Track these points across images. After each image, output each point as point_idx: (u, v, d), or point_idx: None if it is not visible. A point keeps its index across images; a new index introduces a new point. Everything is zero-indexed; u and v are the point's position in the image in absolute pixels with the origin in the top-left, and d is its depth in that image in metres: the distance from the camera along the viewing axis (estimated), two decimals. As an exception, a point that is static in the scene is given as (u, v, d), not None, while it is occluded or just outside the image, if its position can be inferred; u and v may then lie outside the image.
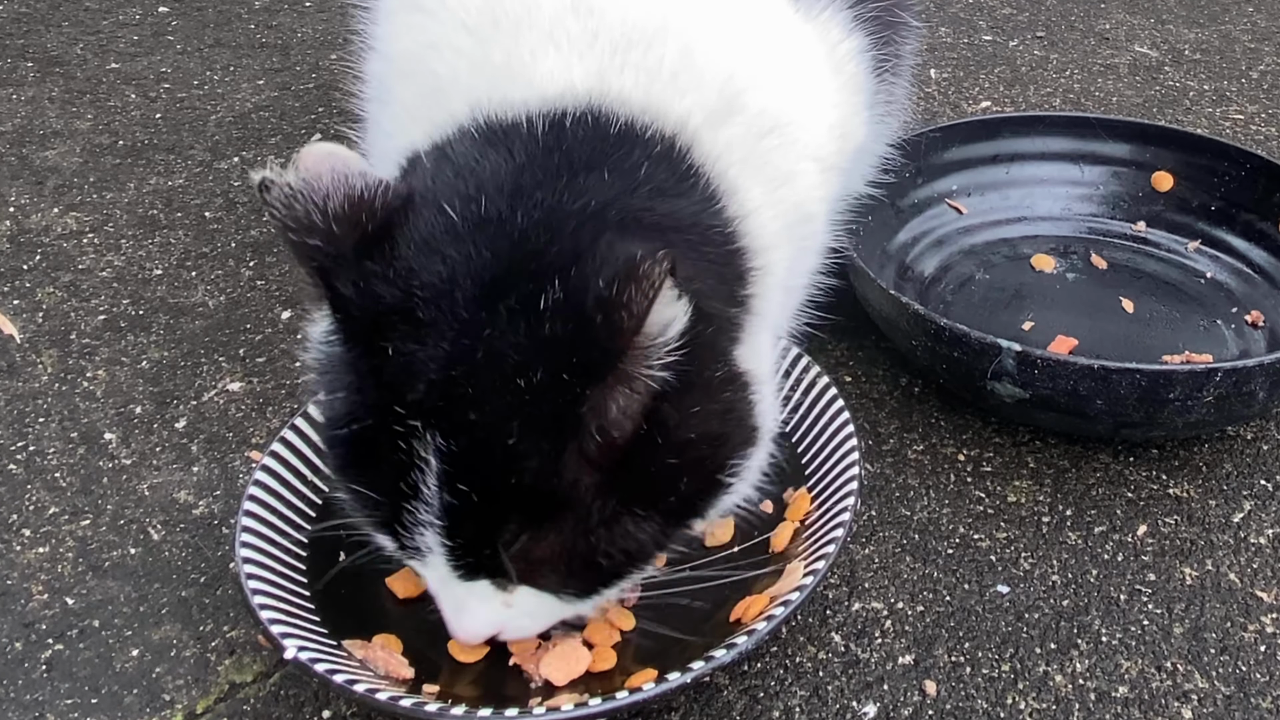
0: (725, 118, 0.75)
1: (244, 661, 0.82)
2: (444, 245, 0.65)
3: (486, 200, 0.66)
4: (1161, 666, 0.81)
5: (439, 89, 0.77)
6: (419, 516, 0.65)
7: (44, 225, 1.28)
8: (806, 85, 0.82)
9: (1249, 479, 0.97)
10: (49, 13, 1.78)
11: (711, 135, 0.74)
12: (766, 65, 0.79)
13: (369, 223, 0.64)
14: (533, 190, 0.67)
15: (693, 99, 0.74)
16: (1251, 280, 1.14)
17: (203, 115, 1.50)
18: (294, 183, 0.62)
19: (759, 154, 0.76)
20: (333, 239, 0.63)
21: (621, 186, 0.68)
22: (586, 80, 0.72)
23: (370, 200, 0.64)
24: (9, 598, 0.86)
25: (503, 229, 0.66)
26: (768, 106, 0.78)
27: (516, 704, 0.72)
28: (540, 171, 0.68)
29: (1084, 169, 1.23)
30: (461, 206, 0.66)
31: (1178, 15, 1.79)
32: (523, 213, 0.66)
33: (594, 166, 0.69)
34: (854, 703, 0.79)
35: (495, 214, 0.66)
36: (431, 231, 0.66)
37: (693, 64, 0.75)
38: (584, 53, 0.73)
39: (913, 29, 1.04)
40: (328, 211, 0.63)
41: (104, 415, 1.03)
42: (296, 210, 0.62)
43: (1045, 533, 0.91)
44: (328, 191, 0.63)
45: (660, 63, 0.74)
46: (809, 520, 0.84)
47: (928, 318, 0.95)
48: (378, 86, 0.89)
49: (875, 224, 1.14)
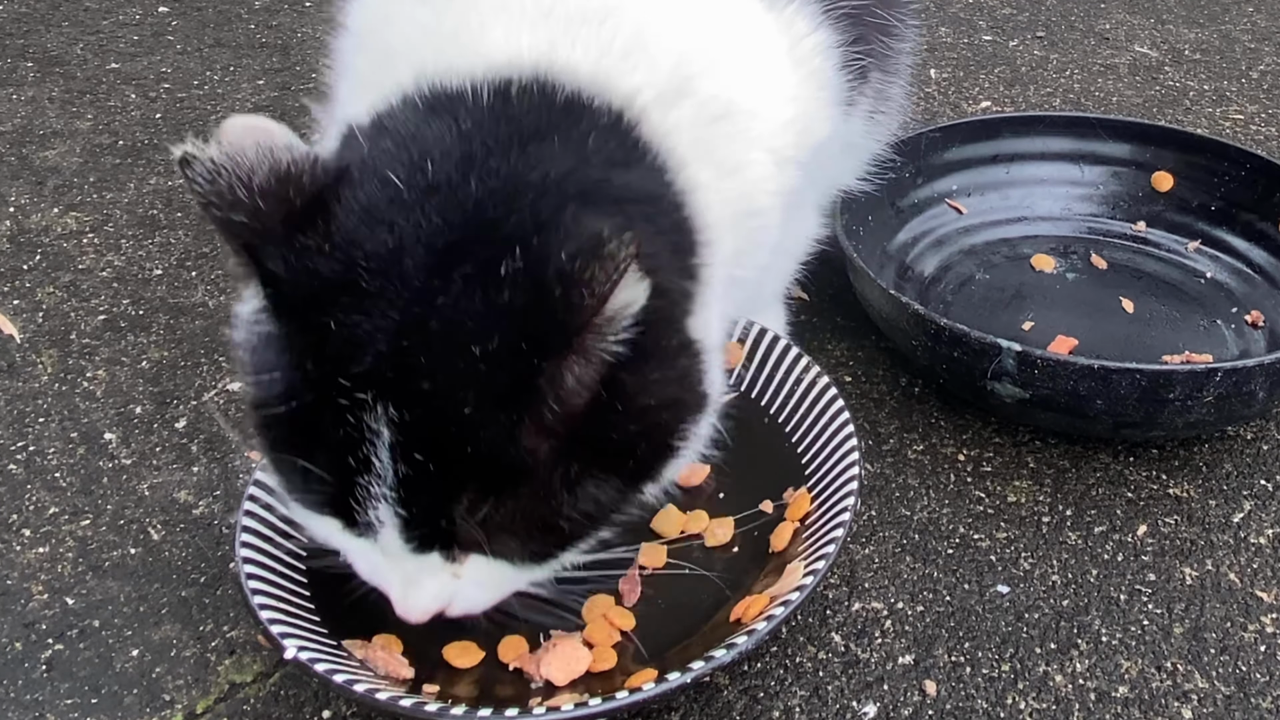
0: (674, 100, 0.74)
1: (244, 661, 0.82)
2: (390, 214, 0.64)
3: (434, 167, 0.65)
4: (1161, 666, 0.81)
5: (389, 57, 0.76)
6: (371, 490, 0.64)
7: (44, 225, 1.28)
8: (764, 76, 0.81)
9: (1249, 479, 0.97)
10: (49, 13, 1.78)
11: (660, 115, 0.73)
12: (722, 52, 0.78)
13: (298, 197, 0.62)
14: (484, 158, 0.66)
15: (642, 77, 0.73)
16: (1251, 280, 1.14)
17: (203, 115, 1.50)
18: (216, 157, 0.61)
19: (708, 138, 0.76)
20: (259, 214, 0.61)
21: (575, 157, 0.67)
22: (535, 50, 0.71)
23: (299, 174, 0.63)
24: (9, 598, 0.86)
25: (454, 196, 0.64)
26: (720, 93, 0.77)
27: (516, 704, 0.72)
28: (489, 140, 0.67)
29: (1084, 169, 1.23)
30: (407, 175, 0.65)
31: (1178, 15, 1.79)
32: (476, 180, 0.65)
33: (544, 136, 0.67)
34: (854, 703, 0.79)
35: (445, 181, 0.65)
36: (374, 201, 0.64)
37: (645, 44, 0.74)
38: (536, 24, 0.72)
39: (907, 28, 1.04)
40: (253, 186, 0.61)
41: (104, 415, 1.03)
42: (220, 185, 0.61)
43: (1045, 533, 0.91)
44: (252, 165, 0.61)
45: (612, 40, 0.73)
46: (809, 520, 0.84)
47: (928, 318, 0.95)
48: (341, 61, 0.88)
49: (875, 224, 1.14)
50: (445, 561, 0.68)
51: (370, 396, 0.62)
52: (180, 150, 0.61)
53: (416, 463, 0.63)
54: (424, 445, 0.63)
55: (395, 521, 0.65)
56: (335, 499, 0.66)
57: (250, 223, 0.61)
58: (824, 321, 1.14)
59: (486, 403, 0.62)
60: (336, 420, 0.63)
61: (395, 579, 0.70)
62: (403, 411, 0.62)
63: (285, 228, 0.62)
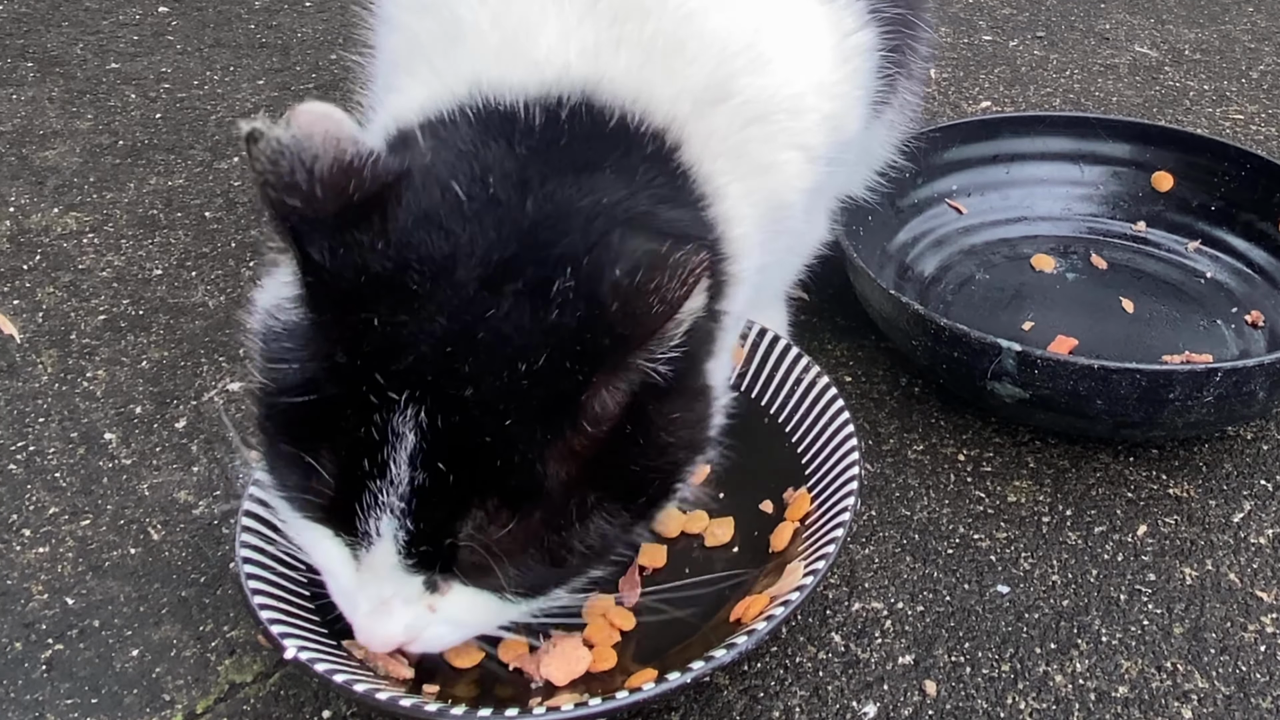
0: (712, 106, 0.74)
1: (244, 661, 0.82)
2: (449, 222, 0.64)
3: (495, 184, 0.66)
4: (1161, 666, 0.81)
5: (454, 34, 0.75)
6: (379, 497, 0.63)
7: (44, 225, 1.28)
8: (808, 70, 0.81)
9: (1249, 479, 0.97)
10: (49, 13, 1.78)
11: (697, 127, 0.73)
12: (768, 43, 0.78)
13: (356, 191, 0.62)
14: (541, 182, 0.66)
15: (681, 84, 0.73)
16: (1251, 280, 1.14)
17: (203, 115, 1.50)
18: (284, 138, 0.60)
19: (742, 142, 0.76)
20: (314, 201, 0.61)
21: (625, 188, 0.68)
22: (582, 60, 0.72)
23: (360, 169, 0.62)
24: (9, 598, 0.86)
25: (512, 214, 0.65)
26: (760, 91, 0.77)
27: (516, 704, 0.72)
28: (545, 166, 0.67)
29: (1084, 169, 1.23)
30: (468, 187, 0.65)
31: (1178, 15, 1.79)
32: (533, 202, 0.65)
33: (596, 166, 0.68)
34: (854, 703, 0.79)
35: (505, 199, 0.65)
36: (434, 207, 0.64)
37: (687, 39, 0.74)
38: (581, 19, 0.72)
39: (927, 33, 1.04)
40: (314, 172, 0.61)
41: (104, 415, 1.03)
42: (281, 167, 0.60)
43: (1045, 533, 0.91)
44: (317, 152, 0.61)
45: (654, 39, 0.73)
46: (809, 520, 0.84)
47: (928, 318, 0.95)
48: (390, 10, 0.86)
49: (875, 224, 1.14)
50: (425, 591, 0.67)
51: (404, 397, 0.61)
52: (248, 126, 0.60)
53: (436, 472, 0.62)
54: (449, 454, 0.62)
55: (395, 534, 0.64)
56: (334, 503, 0.65)
57: (303, 208, 0.61)
58: (824, 321, 1.14)
59: (525, 417, 0.62)
60: (360, 418, 0.62)
61: (366, 601, 0.68)
62: (436, 416, 0.61)
63: (338, 219, 0.62)
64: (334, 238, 0.62)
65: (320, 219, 0.62)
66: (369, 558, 0.66)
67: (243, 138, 0.60)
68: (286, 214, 0.61)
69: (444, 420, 0.61)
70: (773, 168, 0.78)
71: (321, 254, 0.62)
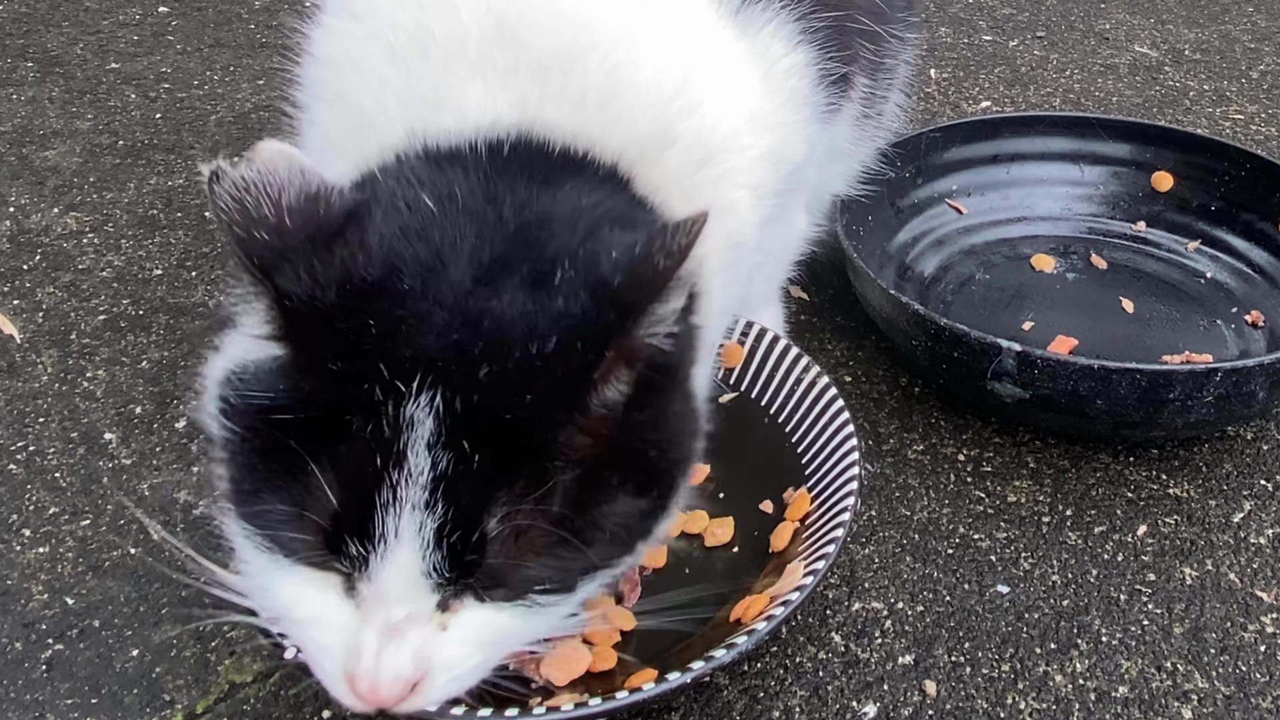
0: (660, 150, 0.74)
1: (244, 661, 0.82)
2: (427, 230, 0.64)
3: (464, 199, 0.66)
4: (1161, 666, 0.81)
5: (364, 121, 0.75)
6: (399, 492, 0.60)
7: (44, 225, 1.28)
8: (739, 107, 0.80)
9: (1249, 479, 0.97)
10: (49, 13, 1.78)
11: (648, 171, 0.73)
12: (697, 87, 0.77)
13: (326, 214, 0.62)
14: (507, 197, 0.66)
15: (624, 130, 0.73)
16: (1251, 280, 1.14)
17: (203, 115, 1.50)
18: (247, 175, 0.60)
19: (696, 185, 0.76)
20: (284, 233, 0.60)
21: (591, 195, 0.68)
22: (510, 109, 0.72)
23: (327, 195, 0.62)
24: (9, 598, 0.86)
25: (491, 220, 0.65)
26: (699, 134, 0.76)
27: (516, 704, 0.72)
28: (506, 184, 0.67)
29: (1084, 169, 1.23)
30: (438, 202, 0.65)
31: (1178, 15, 1.79)
32: (509, 210, 0.65)
33: (557, 183, 0.68)
34: (854, 703, 0.79)
35: (480, 210, 0.65)
36: (408, 221, 0.64)
37: (618, 92, 0.73)
38: (506, 82, 0.72)
39: (901, 41, 1.04)
40: (280, 204, 0.60)
41: (104, 415, 1.03)
42: (246, 204, 0.60)
43: (1045, 533, 0.91)
44: (282, 184, 0.60)
45: (582, 92, 0.73)
46: (809, 520, 0.84)
47: (928, 318, 0.95)
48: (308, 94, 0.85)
49: (875, 224, 1.14)
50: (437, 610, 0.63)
51: (417, 382, 0.59)
52: (210, 166, 0.60)
53: (461, 452, 0.60)
54: (472, 434, 0.60)
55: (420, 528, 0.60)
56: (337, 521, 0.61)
57: (272, 240, 0.60)
58: (824, 321, 1.14)
59: (543, 395, 0.61)
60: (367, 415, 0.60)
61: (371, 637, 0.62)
62: (454, 397, 0.59)
63: (311, 243, 0.61)
64: (308, 260, 0.61)
65: (290, 248, 0.60)
66: (376, 577, 0.61)
67: (205, 180, 0.60)
68: (255, 250, 0.60)
69: (462, 401, 0.60)
70: (728, 209, 0.78)
71: (296, 283, 0.60)
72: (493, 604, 0.64)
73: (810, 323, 1.14)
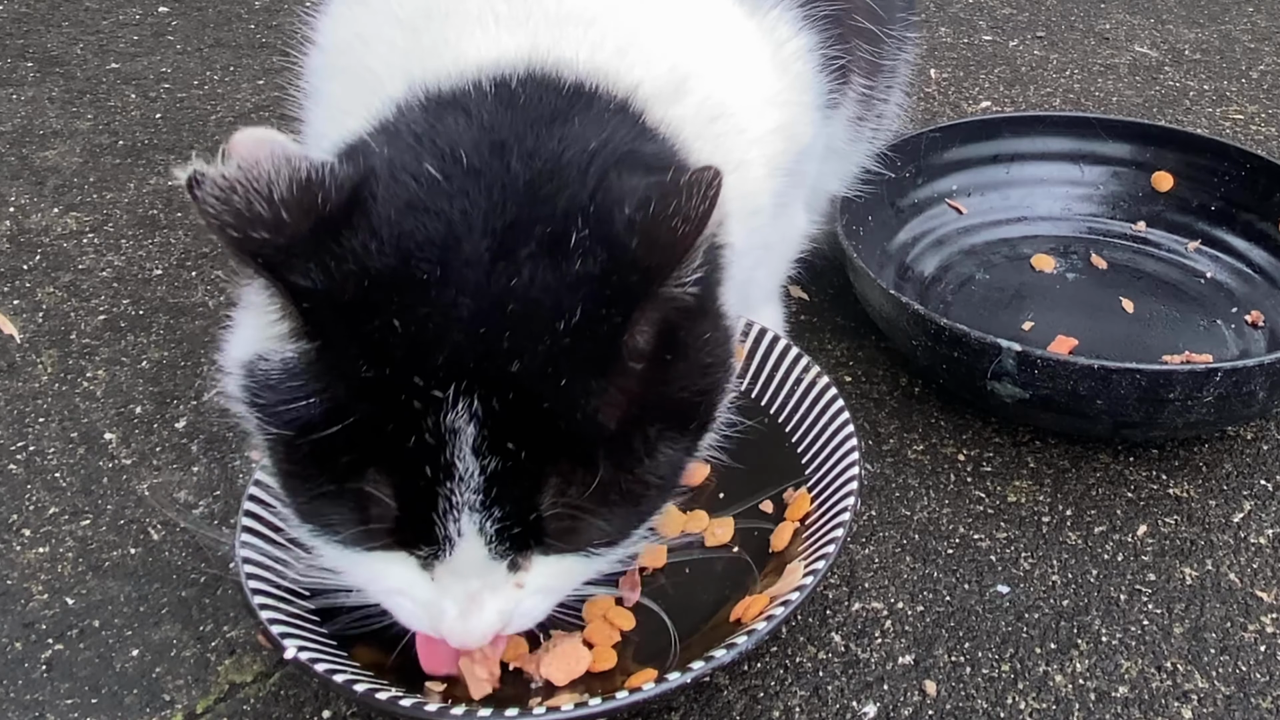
0: (675, 96, 0.73)
1: (244, 661, 0.82)
2: (435, 202, 0.61)
3: (468, 156, 0.63)
4: (1161, 666, 0.81)
5: (371, 81, 0.74)
6: (454, 498, 0.61)
7: (44, 225, 1.28)
8: (750, 83, 0.81)
9: (1249, 479, 0.97)
10: (49, 13, 1.78)
11: (663, 108, 0.72)
12: (710, 59, 0.78)
13: (326, 202, 0.59)
14: (516, 142, 0.64)
15: (641, 72, 0.72)
16: (1251, 280, 1.14)
17: (203, 115, 1.50)
18: (230, 173, 0.57)
19: (710, 134, 0.75)
20: (283, 227, 0.57)
21: (600, 132, 0.66)
22: (519, 50, 0.70)
23: (322, 179, 0.59)
24: (9, 598, 0.86)
25: (498, 178, 0.63)
26: (715, 94, 0.76)
27: (516, 704, 0.72)
28: (511, 128, 0.65)
29: (1084, 169, 1.23)
30: (440, 165, 0.63)
31: (1178, 15, 1.79)
32: (516, 162, 0.63)
33: (564, 118, 0.67)
34: (854, 703, 0.79)
35: (484, 166, 0.63)
36: (414, 193, 0.62)
37: (639, 44, 0.73)
38: (514, 29, 0.71)
39: (900, 41, 1.04)
40: (274, 199, 0.57)
41: (104, 415, 1.03)
42: (235, 204, 0.56)
43: (1045, 533, 0.91)
44: (270, 177, 0.57)
45: (603, 39, 0.72)
46: (809, 520, 0.84)
47: (928, 318, 0.95)
48: (314, 81, 0.86)
49: (875, 224, 1.14)
50: (510, 573, 0.66)
51: (451, 391, 0.59)
52: (187, 170, 0.57)
53: (507, 452, 0.60)
54: (513, 432, 0.60)
55: (480, 527, 0.62)
56: (401, 522, 0.63)
57: (273, 238, 0.57)
58: (824, 321, 1.14)
59: (576, 373, 0.60)
60: (408, 427, 0.59)
61: (452, 605, 0.66)
62: (490, 400, 0.59)
63: (315, 235, 0.59)
64: (318, 255, 0.59)
65: (294, 243, 0.58)
66: (450, 561, 0.64)
67: (184, 185, 0.56)
68: (256, 249, 0.57)
69: (499, 401, 0.59)
70: (742, 166, 0.78)
71: (309, 277, 0.59)
72: (557, 555, 0.67)
73: (810, 323, 1.14)
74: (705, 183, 0.59)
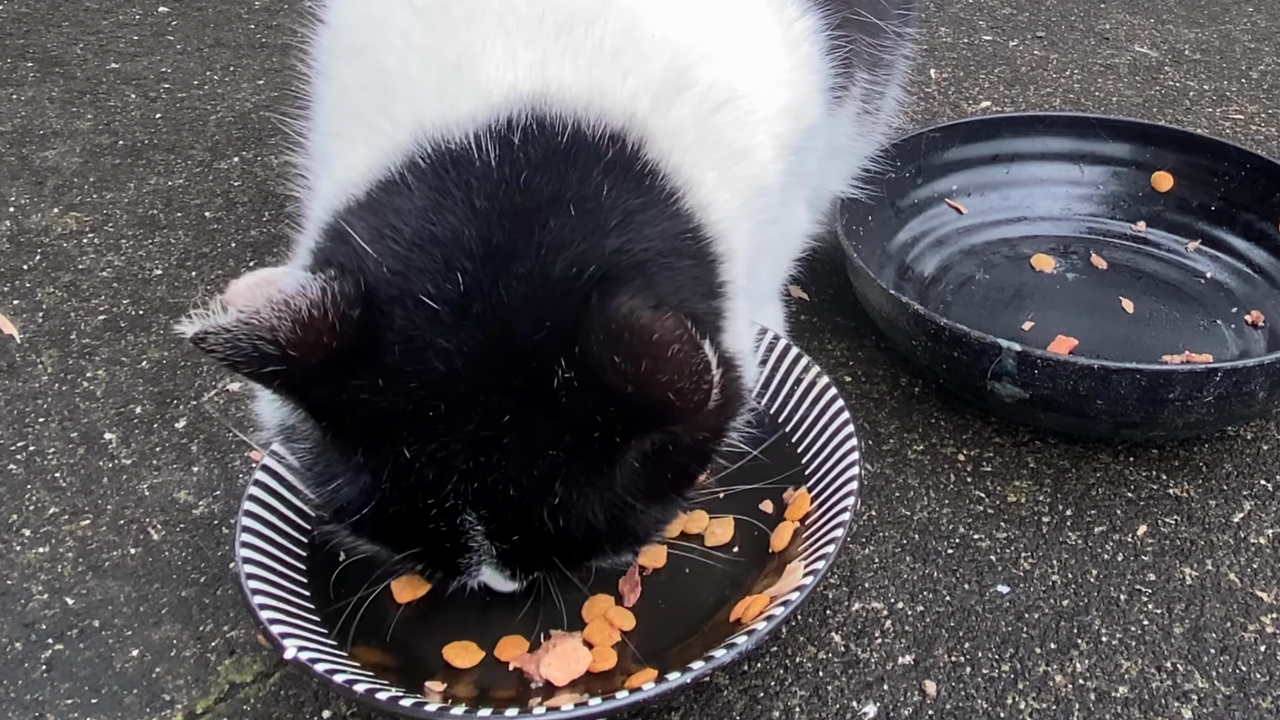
0: (672, 97, 0.74)
1: (244, 661, 0.82)
2: (433, 336, 0.65)
3: (463, 277, 0.65)
4: (1161, 666, 0.81)
5: (385, 80, 0.74)
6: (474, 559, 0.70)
7: (44, 225, 1.28)
8: (761, 61, 0.81)
9: (1249, 479, 0.96)
10: (49, 13, 1.78)
11: (660, 120, 0.73)
12: (719, 38, 0.78)
13: (333, 341, 0.63)
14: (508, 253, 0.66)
15: (636, 80, 0.72)
16: (1251, 280, 1.14)
17: (203, 115, 1.50)
18: (230, 325, 0.60)
19: (712, 130, 0.76)
20: (294, 361, 0.62)
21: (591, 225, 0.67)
22: (530, 74, 0.71)
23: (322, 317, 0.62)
24: (9, 598, 0.86)
25: (489, 308, 0.65)
26: (719, 79, 0.76)
27: (516, 704, 0.72)
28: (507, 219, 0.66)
29: (1084, 169, 1.23)
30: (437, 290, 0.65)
31: (1178, 15, 1.79)
32: (504, 286, 0.65)
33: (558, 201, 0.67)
34: (854, 703, 0.79)
35: (478, 290, 0.65)
36: (414, 328, 0.65)
37: (636, 39, 0.74)
38: (530, 38, 0.72)
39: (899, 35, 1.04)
40: (279, 342, 0.61)
41: (104, 415, 1.03)
42: (244, 349, 0.61)
43: (1045, 533, 0.91)
44: (273, 324, 0.61)
45: (601, 42, 0.73)
46: (809, 520, 0.84)
47: (928, 318, 0.95)
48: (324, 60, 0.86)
49: (875, 224, 1.14)
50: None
51: (463, 515, 0.67)
52: (190, 330, 0.60)
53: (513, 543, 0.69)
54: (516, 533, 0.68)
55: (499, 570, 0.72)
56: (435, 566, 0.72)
57: (288, 368, 0.62)
58: (824, 321, 1.14)
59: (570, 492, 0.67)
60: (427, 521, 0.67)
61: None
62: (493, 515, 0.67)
63: (327, 368, 0.63)
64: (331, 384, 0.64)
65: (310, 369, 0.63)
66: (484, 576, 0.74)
67: (191, 343, 0.61)
68: (273, 379, 0.63)
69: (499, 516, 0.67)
70: (748, 152, 0.78)
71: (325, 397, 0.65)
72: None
73: (810, 323, 1.14)
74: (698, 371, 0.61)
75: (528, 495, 0.66)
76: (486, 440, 0.65)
